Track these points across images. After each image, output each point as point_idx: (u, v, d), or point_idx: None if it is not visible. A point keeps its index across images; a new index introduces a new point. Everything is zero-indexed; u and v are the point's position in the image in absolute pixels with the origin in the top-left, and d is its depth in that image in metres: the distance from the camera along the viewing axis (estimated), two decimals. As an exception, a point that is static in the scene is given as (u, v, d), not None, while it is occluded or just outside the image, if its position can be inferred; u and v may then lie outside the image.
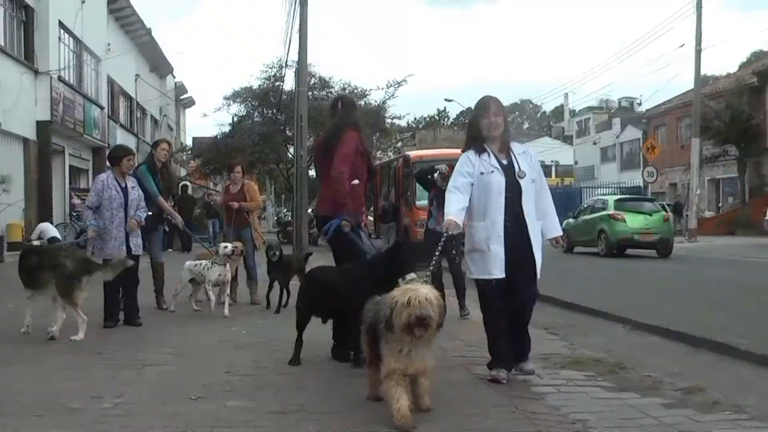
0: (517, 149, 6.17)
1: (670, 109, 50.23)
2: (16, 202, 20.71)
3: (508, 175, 5.98)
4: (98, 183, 8.90)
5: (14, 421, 4.63)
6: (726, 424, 4.86)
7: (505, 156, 6.07)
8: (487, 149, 6.05)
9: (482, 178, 5.95)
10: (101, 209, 8.65)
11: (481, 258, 6.05)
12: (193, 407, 5.06)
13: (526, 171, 6.01)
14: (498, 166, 5.99)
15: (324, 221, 7.00)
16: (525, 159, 6.09)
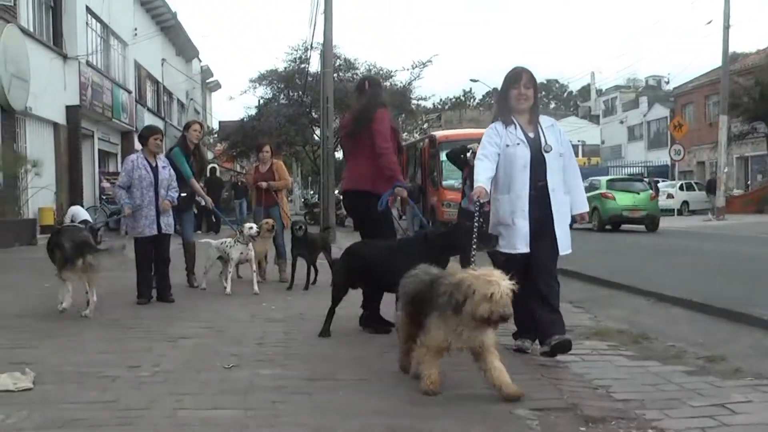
0: (545, 122, 6.02)
1: (698, 86, 49.82)
2: (47, 186, 21.02)
3: (533, 148, 5.84)
4: (128, 163, 9.10)
5: (55, 388, 4.81)
6: (746, 389, 4.96)
7: (533, 129, 5.93)
8: (514, 122, 5.91)
9: (507, 150, 5.82)
10: (132, 189, 8.84)
11: (505, 231, 5.93)
12: (227, 375, 5.23)
13: (552, 145, 5.86)
14: (524, 139, 5.85)
15: (357, 196, 7.17)
16: (552, 133, 5.96)
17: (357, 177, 7.19)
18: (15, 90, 19.52)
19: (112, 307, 8.25)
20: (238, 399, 4.57)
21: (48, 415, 4.17)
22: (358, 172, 7.19)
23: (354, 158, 7.27)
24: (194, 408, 4.37)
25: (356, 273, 6.68)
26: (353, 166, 7.28)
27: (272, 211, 11.36)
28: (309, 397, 4.61)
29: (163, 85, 39.06)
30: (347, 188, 7.36)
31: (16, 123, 20.54)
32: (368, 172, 7.10)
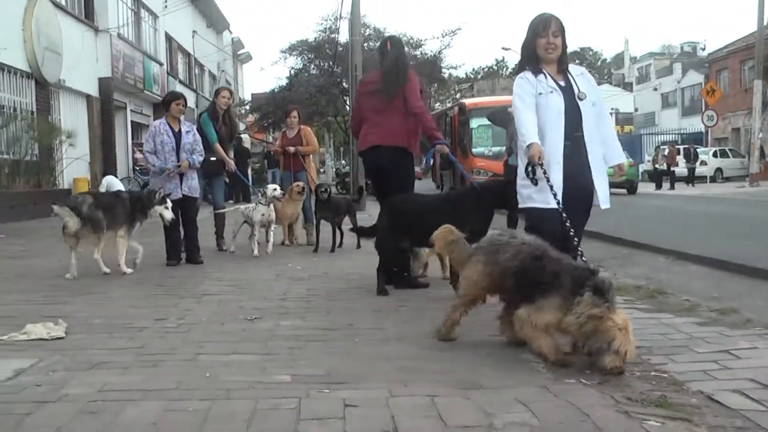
0: (575, 71, 5.73)
1: (733, 51, 49.02)
2: (81, 156, 21.40)
3: (567, 96, 5.53)
4: (152, 128, 9.39)
5: (86, 337, 5.06)
6: (754, 337, 5.05)
7: (563, 78, 5.62)
8: (543, 71, 5.57)
9: (540, 99, 5.49)
10: (156, 154, 9.09)
11: (539, 185, 5.46)
12: (249, 326, 5.45)
13: (585, 93, 5.57)
14: (556, 87, 5.54)
15: (393, 151, 7.24)
16: (584, 81, 5.66)
17: (391, 133, 7.24)
18: (48, 63, 19.86)
19: (143, 268, 8.52)
20: (259, 346, 4.78)
21: (78, 359, 4.41)
22: (391, 129, 7.23)
23: (381, 116, 7.28)
24: (215, 353, 4.58)
25: (402, 227, 6.78)
26: (383, 122, 7.27)
27: (300, 175, 11.56)
28: (325, 344, 4.81)
29: (195, 57, 39.31)
30: (380, 143, 7.26)
31: (50, 95, 20.92)
32: (403, 129, 7.25)
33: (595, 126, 5.59)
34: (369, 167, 7.56)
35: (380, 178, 7.41)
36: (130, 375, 4.07)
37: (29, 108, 19.50)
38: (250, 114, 43.91)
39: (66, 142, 19.53)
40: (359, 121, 7.58)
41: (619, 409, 3.43)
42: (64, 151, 19.77)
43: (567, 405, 3.49)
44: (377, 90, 7.30)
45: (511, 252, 4.61)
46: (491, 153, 23.68)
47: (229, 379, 3.94)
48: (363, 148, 7.40)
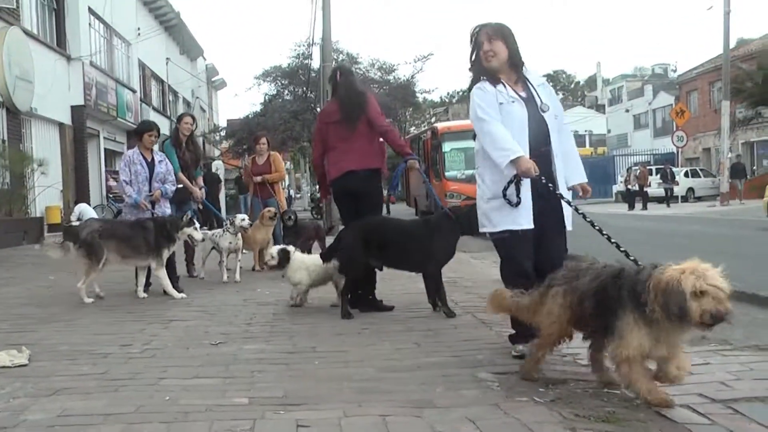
0: (536, 80, 5.29)
1: (701, 73, 49.82)
2: (53, 184, 21.35)
3: (530, 107, 5.10)
4: (126, 158, 9.38)
5: (49, 364, 5.11)
6: (708, 353, 5.17)
7: (523, 88, 5.19)
8: (501, 81, 5.14)
9: (502, 108, 5.03)
10: (130, 183, 9.08)
11: (503, 206, 5.07)
12: (213, 350, 5.51)
13: (548, 104, 5.15)
14: (517, 97, 5.10)
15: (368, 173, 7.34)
16: (545, 91, 5.25)
17: (363, 156, 7.33)
18: (20, 91, 19.84)
19: (114, 296, 8.54)
20: (220, 369, 4.85)
21: (40, 386, 4.46)
22: (363, 152, 7.33)
23: (348, 142, 7.34)
24: (178, 377, 4.65)
25: (372, 248, 6.86)
26: (353, 147, 7.33)
27: (270, 202, 11.67)
28: (286, 367, 4.89)
29: (168, 83, 39.35)
30: (355, 168, 7.28)
31: (22, 123, 20.87)
32: (373, 151, 7.40)
33: (558, 141, 5.20)
34: (341, 193, 7.54)
35: (351, 203, 7.49)
36: (91, 400, 4.13)
37: (0, 137, 19.44)
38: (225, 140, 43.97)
39: (38, 171, 19.47)
40: (322, 152, 7.64)
41: (566, 425, 3.53)
42: (36, 179, 19.70)
43: (515, 422, 3.59)
44: (339, 120, 7.41)
45: (591, 275, 4.19)
46: (464, 176, 23.96)
47: (189, 403, 4.01)
48: (337, 176, 7.42)
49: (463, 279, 9.00)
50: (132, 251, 8.48)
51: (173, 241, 8.73)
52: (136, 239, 8.49)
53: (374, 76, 38.08)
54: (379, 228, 7.07)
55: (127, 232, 8.57)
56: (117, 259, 8.57)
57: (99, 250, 8.33)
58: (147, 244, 8.50)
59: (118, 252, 8.48)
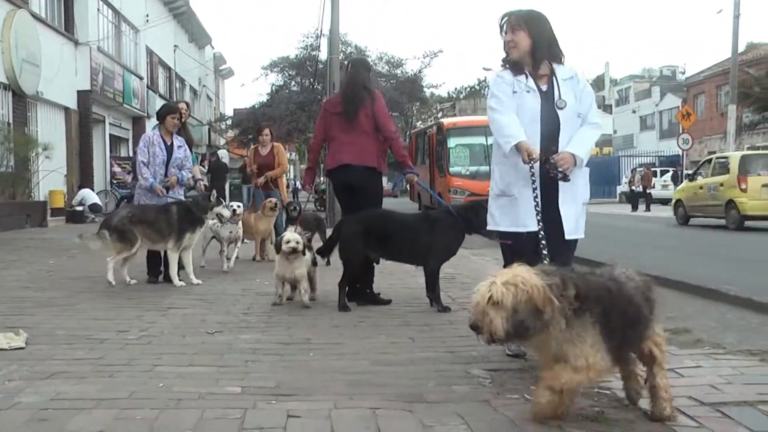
0: (563, 73, 4.97)
1: (709, 76, 49.73)
2: (57, 169, 21.42)
3: (545, 101, 4.86)
4: (145, 138, 9.22)
5: (46, 348, 5.15)
6: (700, 357, 5.18)
7: (546, 81, 4.94)
8: (525, 71, 4.92)
9: (515, 97, 4.87)
10: (147, 165, 8.96)
11: (510, 205, 4.94)
12: (209, 339, 5.55)
13: (567, 100, 4.87)
14: (535, 88, 4.88)
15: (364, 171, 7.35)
16: (570, 86, 4.95)
17: (361, 153, 7.35)
18: (26, 74, 19.90)
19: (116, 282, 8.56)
20: (215, 358, 4.88)
21: (36, 369, 4.50)
22: (362, 148, 7.35)
23: (350, 135, 7.38)
24: (172, 365, 4.68)
25: (372, 241, 6.90)
26: (353, 141, 7.37)
27: (272, 194, 11.71)
28: (280, 358, 4.92)
29: (176, 71, 39.42)
30: (350, 162, 7.31)
31: (28, 107, 20.95)
32: (373, 150, 7.39)
33: (569, 138, 4.86)
34: (338, 185, 7.59)
35: (349, 196, 7.51)
36: (85, 385, 4.16)
37: (5, 119, 19.53)
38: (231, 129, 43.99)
39: (42, 155, 19.54)
40: (322, 139, 7.69)
41: (553, 423, 3.55)
42: (40, 163, 19.77)
43: (503, 419, 3.61)
44: (341, 111, 7.44)
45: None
46: (468, 172, 23.97)
47: (181, 390, 4.04)
48: (333, 166, 7.47)
49: (462, 275, 9.01)
50: (158, 235, 8.53)
51: (201, 223, 8.80)
52: (161, 223, 8.53)
53: (382, 69, 38.07)
54: (378, 220, 7.10)
55: (153, 215, 8.59)
56: (147, 244, 8.61)
57: (131, 235, 8.40)
58: (170, 228, 8.55)
59: (147, 236, 8.52)
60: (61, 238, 15.38)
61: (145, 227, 8.49)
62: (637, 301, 3.65)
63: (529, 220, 4.76)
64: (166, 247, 8.63)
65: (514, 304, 3.28)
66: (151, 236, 8.53)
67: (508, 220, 4.97)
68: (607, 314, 3.49)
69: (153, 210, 8.71)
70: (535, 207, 4.66)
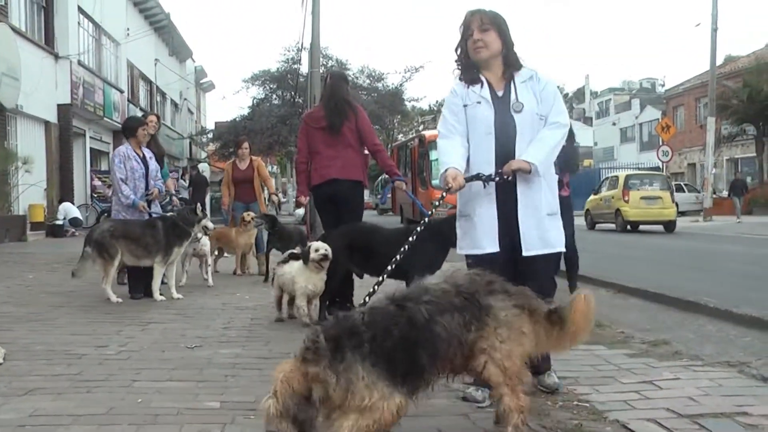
0: (521, 75, 4.51)
1: (688, 89, 50.21)
2: (37, 183, 21.28)
3: (499, 108, 4.41)
4: (120, 154, 9.01)
5: (24, 364, 5.12)
6: (678, 369, 5.22)
7: (504, 86, 4.50)
8: (482, 79, 4.50)
9: (467, 111, 4.48)
10: (126, 181, 8.83)
11: (468, 225, 4.57)
12: (189, 354, 5.53)
13: (525, 103, 4.40)
14: (488, 97, 4.44)
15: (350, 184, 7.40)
16: (529, 87, 4.49)
17: (347, 167, 7.37)
18: (5, 88, 19.78)
19: (93, 297, 8.52)
20: (194, 373, 4.87)
21: (13, 385, 4.48)
22: (348, 162, 7.37)
23: (334, 149, 7.38)
24: (151, 380, 4.67)
25: (355, 255, 6.92)
26: (338, 156, 7.38)
27: (253, 206, 11.72)
28: (260, 372, 4.89)
29: (156, 84, 39.32)
30: (338, 176, 7.33)
31: (7, 121, 20.82)
32: (358, 163, 7.45)
33: (528, 142, 4.40)
34: (323, 199, 7.54)
35: (331, 210, 7.52)
36: (63, 401, 4.14)
37: (-15, 133, 19.40)
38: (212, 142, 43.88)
39: (22, 168, 19.42)
40: (306, 154, 7.66)
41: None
42: (20, 177, 19.65)
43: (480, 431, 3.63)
44: (324, 126, 7.44)
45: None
46: (451, 186, 23.99)
47: (160, 405, 4.03)
48: (320, 182, 7.43)
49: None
50: (143, 251, 8.48)
51: (187, 237, 8.74)
52: (147, 238, 8.48)
53: (363, 83, 38.14)
54: (361, 234, 7.10)
55: (138, 231, 8.53)
56: (131, 259, 8.55)
57: (111, 248, 8.36)
58: (157, 243, 8.49)
59: (130, 252, 8.47)
60: (40, 253, 15.32)
61: (128, 242, 8.44)
62: (421, 320, 3.24)
63: (485, 242, 4.42)
64: (152, 262, 8.55)
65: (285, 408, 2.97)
66: (136, 252, 8.47)
67: (467, 241, 4.59)
68: (379, 343, 3.12)
69: (138, 225, 8.66)
70: (493, 226, 4.40)
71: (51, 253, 15.22)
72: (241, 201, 11.94)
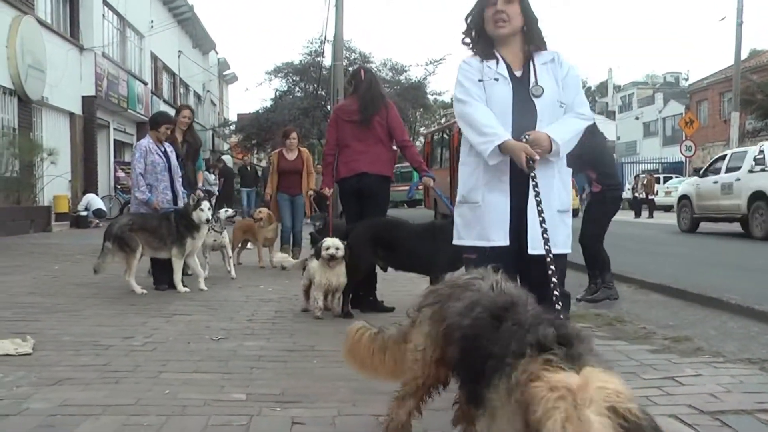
0: (542, 57, 4.18)
1: (712, 83, 49.81)
2: (62, 174, 21.49)
3: (518, 89, 4.08)
4: (141, 148, 9.11)
5: (53, 354, 5.20)
6: (700, 365, 5.22)
7: (522, 66, 4.17)
8: (496, 56, 4.14)
9: (480, 87, 4.09)
10: (146, 174, 8.95)
11: (472, 214, 4.16)
12: (214, 346, 5.60)
13: (545, 86, 4.08)
14: (506, 75, 4.09)
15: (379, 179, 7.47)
16: (550, 70, 4.17)
17: (376, 161, 7.43)
18: (31, 80, 19.99)
19: (118, 288, 8.63)
20: (220, 365, 4.93)
21: (43, 375, 4.55)
22: (377, 157, 7.43)
23: (364, 144, 7.44)
24: (177, 371, 4.73)
25: (380, 249, 7.00)
26: (368, 150, 7.43)
27: (297, 199, 11.66)
28: (284, 365, 4.96)
29: (180, 77, 39.52)
30: (367, 170, 7.38)
31: (33, 112, 21.04)
32: (386, 158, 7.51)
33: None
34: (350, 192, 7.57)
35: (356, 203, 7.58)
36: (92, 391, 4.21)
37: (11, 125, 19.61)
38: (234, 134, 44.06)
39: (47, 160, 19.62)
40: (335, 146, 7.70)
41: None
42: (45, 168, 19.86)
43: (505, 426, 3.66)
44: (357, 119, 7.48)
45: (466, 300, 2.84)
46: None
47: (187, 397, 4.09)
48: (348, 174, 7.49)
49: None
50: (160, 242, 8.59)
51: (197, 229, 8.71)
52: (162, 230, 8.60)
53: (386, 76, 38.18)
54: (386, 228, 7.17)
55: (155, 224, 8.66)
56: (149, 251, 8.69)
57: (132, 241, 8.50)
58: (171, 236, 8.59)
59: (148, 244, 8.60)
60: (65, 244, 15.48)
61: (147, 235, 8.57)
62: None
63: (494, 233, 4.02)
64: (169, 254, 8.67)
65: None
66: (153, 244, 8.61)
67: (471, 232, 4.16)
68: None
69: (155, 218, 8.77)
70: (504, 216, 4.02)
71: (75, 244, 15.37)
72: (287, 192, 11.73)
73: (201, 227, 8.74)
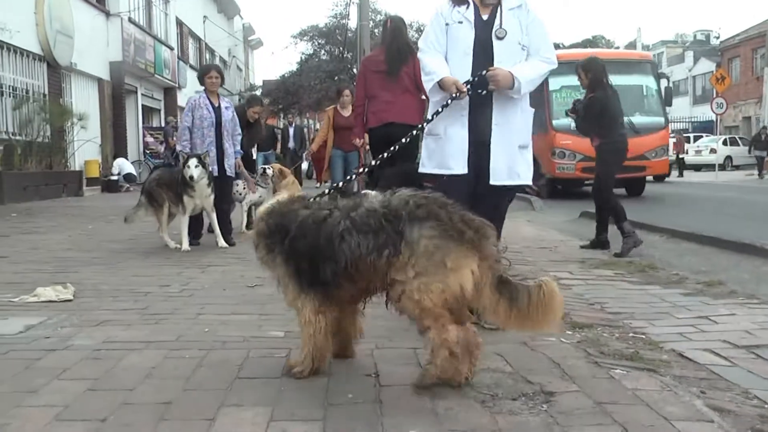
0: (509, 3, 4.54)
1: (744, 39, 48.98)
2: (92, 139, 21.68)
3: (481, 31, 4.47)
4: (190, 102, 8.99)
5: (93, 300, 5.32)
6: (734, 306, 5.23)
7: (490, 10, 4.53)
8: (468, 0, 4.54)
9: (448, 31, 4.51)
10: (192, 129, 8.80)
11: (435, 145, 4.63)
12: (250, 291, 5.68)
13: (508, 29, 4.44)
14: (471, 18, 4.49)
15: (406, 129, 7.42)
16: (516, 15, 4.52)
17: (404, 111, 7.43)
18: (60, 46, 20.12)
19: (152, 244, 8.76)
20: (257, 308, 5.01)
21: (84, 318, 4.66)
22: (404, 107, 7.44)
23: (391, 93, 7.47)
24: (215, 313, 4.82)
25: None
26: (395, 100, 7.45)
27: (351, 155, 11.45)
28: (321, 308, 5.03)
29: (205, 42, 39.56)
30: (394, 120, 7.36)
31: (62, 78, 21.19)
32: (414, 107, 7.49)
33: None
34: (379, 141, 7.55)
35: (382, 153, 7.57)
36: (134, 330, 4.31)
37: (41, 90, 19.78)
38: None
39: (77, 125, 19.79)
40: (363, 97, 7.71)
41: (590, 360, 3.64)
42: (76, 133, 20.04)
43: (541, 356, 3.70)
44: (384, 69, 7.47)
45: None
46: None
47: (226, 334, 4.18)
48: (376, 125, 7.51)
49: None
50: (175, 199, 8.65)
51: (190, 188, 8.38)
52: (173, 186, 8.65)
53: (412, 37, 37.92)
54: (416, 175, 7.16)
55: (170, 179, 8.75)
56: (173, 207, 8.74)
57: (159, 196, 8.65)
58: (177, 195, 8.60)
59: (170, 200, 8.69)
60: (97, 206, 15.66)
61: (168, 191, 8.67)
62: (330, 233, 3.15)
63: (454, 162, 4.47)
64: (177, 211, 8.68)
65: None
66: (173, 200, 8.67)
67: (432, 161, 4.63)
68: (293, 245, 3.27)
69: (174, 175, 8.79)
70: (463, 147, 4.46)
71: (107, 206, 15.54)
72: (341, 148, 11.55)
73: (196, 186, 8.38)
